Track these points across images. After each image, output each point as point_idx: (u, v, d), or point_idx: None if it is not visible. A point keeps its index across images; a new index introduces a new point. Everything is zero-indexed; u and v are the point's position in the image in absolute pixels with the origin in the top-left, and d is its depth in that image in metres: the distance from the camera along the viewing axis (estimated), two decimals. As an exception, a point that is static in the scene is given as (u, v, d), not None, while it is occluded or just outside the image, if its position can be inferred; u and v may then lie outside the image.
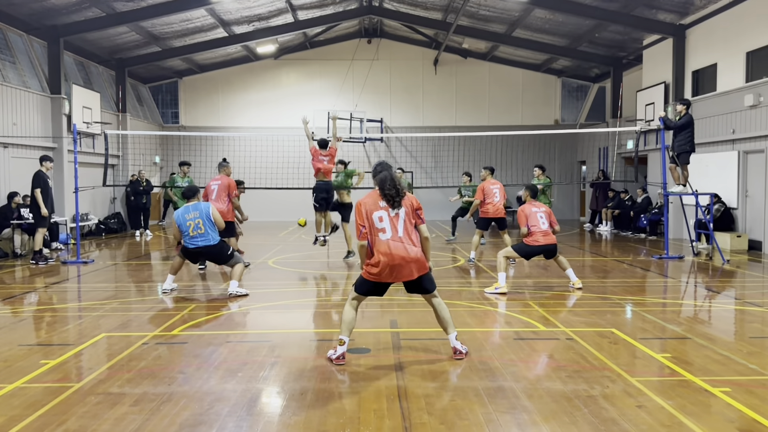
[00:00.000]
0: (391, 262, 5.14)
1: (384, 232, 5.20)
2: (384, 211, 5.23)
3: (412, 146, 24.00)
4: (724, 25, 14.81)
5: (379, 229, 5.21)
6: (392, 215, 5.23)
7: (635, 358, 5.47)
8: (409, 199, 5.37)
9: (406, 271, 5.19)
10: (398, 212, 5.25)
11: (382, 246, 5.17)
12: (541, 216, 8.67)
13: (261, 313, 7.54)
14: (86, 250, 14.22)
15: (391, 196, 5.23)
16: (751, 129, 13.60)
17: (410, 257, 5.17)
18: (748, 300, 8.09)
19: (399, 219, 5.25)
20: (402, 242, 5.19)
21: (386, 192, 5.24)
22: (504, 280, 8.56)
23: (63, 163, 16.12)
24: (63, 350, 5.71)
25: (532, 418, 4.04)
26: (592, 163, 22.77)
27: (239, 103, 24.25)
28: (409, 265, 5.18)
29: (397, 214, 5.25)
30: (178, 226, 8.30)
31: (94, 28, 16.75)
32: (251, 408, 4.28)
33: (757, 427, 3.88)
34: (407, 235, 5.24)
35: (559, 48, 21.12)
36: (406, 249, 5.17)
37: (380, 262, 5.16)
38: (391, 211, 5.24)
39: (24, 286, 9.54)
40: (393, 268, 5.16)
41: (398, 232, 5.22)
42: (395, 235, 5.20)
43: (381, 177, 5.33)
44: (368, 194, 5.40)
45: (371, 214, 5.24)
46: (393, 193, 5.23)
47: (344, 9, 20.65)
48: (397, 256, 5.14)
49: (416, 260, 5.21)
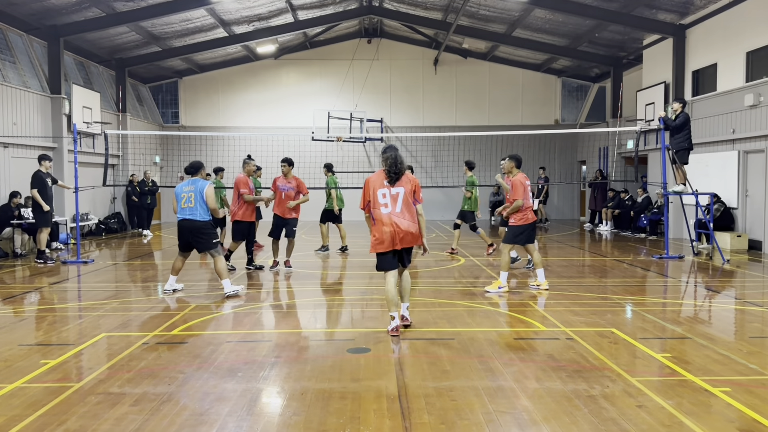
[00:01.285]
0: (387, 231, 6.09)
1: (386, 207, 6.14)
2: (387, 189, 6.17)
3: (412, 146, 23.99)
4: (724, 25, 14.81)
5: (382, 204, 6.15)
6: (393, 193, 6.15)
7: (635, 358, 5.47)
8: (411, 180, 6.28)
9: (403, 240, 6.11)
10: (398, 191, 6.15)
11: (384, 218, 6.11)
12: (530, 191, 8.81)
13: (261, 313, 7.54)
14: (86, 250, 14.22)
15: (392, 173, 6.15)
16: (751, 129, 13.60)
17: (404, 229, 6.11)
18: (748, 300, 8.09)
19: (399, 197, 6.17)
20: (399, 216, 6.12)
21: (389, 169, 6.15)
22: (506, 279, 8.58)
23: (63, 163, 16.12)
24: (63, 350, 5.71)
25: (532, 418, 4.04)
26: (592, 163, 22.77)
27: (239, 103, 24.24)
28: (405, 236, 6.13)
29: (397, 193, 6.15)
30: (175, 196, 8.44)
31: (94, 28, 16.75)
32: (251, 408, 4.28)
33: (757, 427, 3.88)
34: (405, 211, 6.16)
35: (559, 48, 21.12)
36: (402, 222, 6.12)
37: (382, 232, 6.11)
38: (392, 190, 6.15)
39: (24, 286, 9.54)
40: (392, 235, 6.09)
41: (397, 207, 6.14)
42: (394, 210, 6.13)
43: (386, 157, 6.22)
44: (376, 173, 6.33)
45: (376, 191, 6.17)
46: (394, 170, 6.15)
47: (344, 9, 20.65)
48: (395, 225, 6.08)
49: (410, 233, 6.14)
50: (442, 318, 7.08)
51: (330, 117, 21.27)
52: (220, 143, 22.86)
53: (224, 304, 7.89)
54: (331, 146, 22.15)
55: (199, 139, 23.11)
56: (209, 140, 23.06)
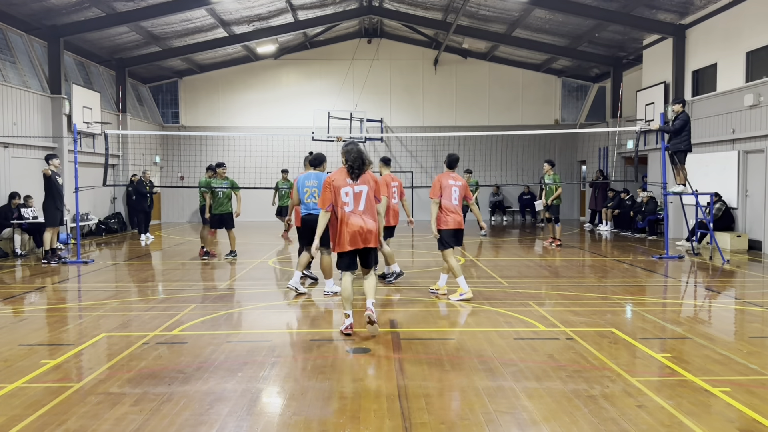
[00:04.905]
0: (350, 230, 5.99)
1: (347, 206, 6.03)
2: (350, 187, 6.05)
3: (412, 146, 24.00)
4: (724, 25, 14.81)
5: (344, 203, 6.03)
6: (356, 191, 6.04)
7: (635, 358, 5.48)
8: (372, 178, 6.19)
9: (362, 239, 6.02)
10: (362, 189, 6.06)
11: (345, 217, 6.01)
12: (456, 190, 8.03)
13: (261, 313, 7.54)
14: (86, 250, 14.22)
15: (356, 169, 6.05)
16: (751, 129, 13.60)
17: (365, 228, 6.03)
18: (748, 300, 8.09)
19: (362, 196, 6.07)
20: (360, 215, 6.02)
21: (351, 165, 6.04)
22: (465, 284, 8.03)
23: (63, 163, 16.09)
24: (63, 350, 5.71)
25: (532, 418, 4.04)
26: (592, 163, 22.77)
27: (239, 103, 24.24)
28: (365, 235, 6.02)
29: (360, 192, 6.05)
30: (297, 190, 8.34)
31: (94, 28, 16.74)
32: (251, 408, 4.28)
33: (757, 427, 3.88)
34: (367, 209, 6.08)
35: (559, 48, 21.12)
36: (363, 220, 6.03)
37: (344, 232, 6.00)
38: (356, 188, 6.04)
39: (24, 286, 9.54)
40: (352, 235, 5.99)
41: (359, 206, 6.05)
42: (356, 209, 6.03)
43: (348, 150, 6.10)
44: (337, 170, 6.15)
45: (339, 189, 6.04)
46: (358, 164, 6.04)
47: (344, 9, 20.65)
48: (356, 224, 5.99)
49: (370, 231, 6.06)
50: (442, 318, 7.08)
51: (330, 117, 21.28)
52: (220, 143, 22.87)
53: (225, 304, 7.88)
54: (332, 146, 22.15)
55: (199, 139, 23.12)
56: (209, 140, 23.07)
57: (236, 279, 10.01)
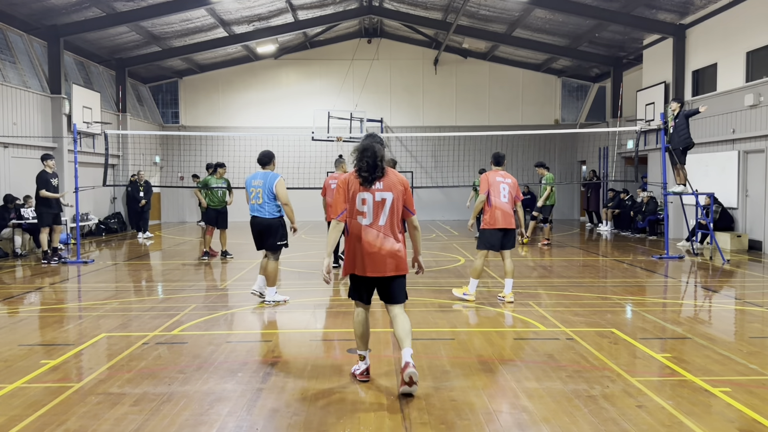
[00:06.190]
0: (365, 251, 4.51)
1: (364, 217, 4.55)
2: (369, 194, 4.52)
3: (412, 146, 24.01)
4: (724, 25, 14.81)
5: (360, 212, 4.55)
6: (378, 200, 4.53)
7: (635, 358, 5.47)
8: (398, 180, 4.64)
9: (380, 264, 4.52)
10: (385, 197, 4.54)
11: (360, 232, 4.54)
12: (505, 187, 7.69)
13: (261, 313, 7.54)
14: (86, 250, 14.22)
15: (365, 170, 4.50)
16: (751, 129, 13.60)
17: (386, 249, 4.52)
18: (748, 300, 8.09)
19: (385, 205, 4.55)
20: (380, 231, 4.54)
21: (359, 165, 4.53)
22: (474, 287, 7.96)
23: (63, 163, 16.12)
24: (63, 350, 5.71)
25: (532, 418, 4.04)
26: (592, 163, 22.78)
27: (239, 103, 24.25)
28: (384, 259, 4.52)
29: (383, 200, 4.54)
30: (245, 188, 8.06)
31: (94, 28, 16.75)
32: (251, 408, 4.28)
33: (757, 427, 3.88)
34: (390, 226, 4.56)
35: (559, 48, 21.13)
36: (383, 239, 4.53)
37: (356, 250, 4.57)
38: (377, 195, 4.53)
39: (24, 286, 9.54)
40: (365, 257, 4.51)
41: (380, 220, 4.54)
42: (375, 223, 4.54)
43: (355, 149, 4.61)
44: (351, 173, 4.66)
45: (356, 194, 4.55)
46: (366, 166, 4.50)
47: (344, 9, 20.65)
48: (373, 244, 4.52)
49: (393, 254, 4.54)
50: (442, 318, 7.08)
51: (330, 117, 21.27)
52: (220, 143, 22.87)
53: (225, 304, 7.87)
54: (332, 146, 22.17)
55: (199, 139, 23.12)
56: (209, 140, 23.08)
57: (236, 279, 10.01)
